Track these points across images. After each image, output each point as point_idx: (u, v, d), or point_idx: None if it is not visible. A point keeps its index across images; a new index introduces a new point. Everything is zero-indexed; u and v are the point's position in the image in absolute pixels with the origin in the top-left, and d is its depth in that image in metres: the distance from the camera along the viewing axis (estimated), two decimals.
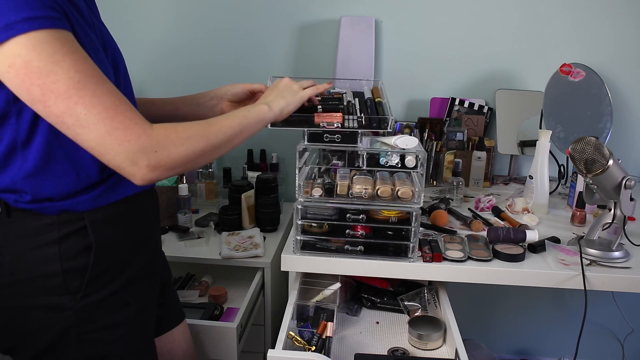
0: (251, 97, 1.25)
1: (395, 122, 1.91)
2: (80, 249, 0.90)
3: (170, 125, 0.87)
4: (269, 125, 1.13)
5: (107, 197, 0.93)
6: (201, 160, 0.90)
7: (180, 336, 1.26)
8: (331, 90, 1.33)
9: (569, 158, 1.40)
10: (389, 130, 1.18)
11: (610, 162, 1.23)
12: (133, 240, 0.99)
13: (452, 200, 1.68)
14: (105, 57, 0.89)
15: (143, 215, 1.03)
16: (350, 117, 1.18)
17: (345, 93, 1.32)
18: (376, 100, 1.29)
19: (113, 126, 0.79)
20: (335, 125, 1.18)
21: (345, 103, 1.24)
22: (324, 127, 1.18)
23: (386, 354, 1.25)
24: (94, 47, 0.85)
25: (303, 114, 1.17)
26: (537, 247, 1.34)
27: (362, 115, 1.19)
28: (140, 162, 0.81)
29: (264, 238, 1.73)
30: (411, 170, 1.27)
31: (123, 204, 0.96)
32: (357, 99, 1.30)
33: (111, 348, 0.96)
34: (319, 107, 1.20)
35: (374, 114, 1.22)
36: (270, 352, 1.07)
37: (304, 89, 1.15)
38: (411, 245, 1.27)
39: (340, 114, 1.18)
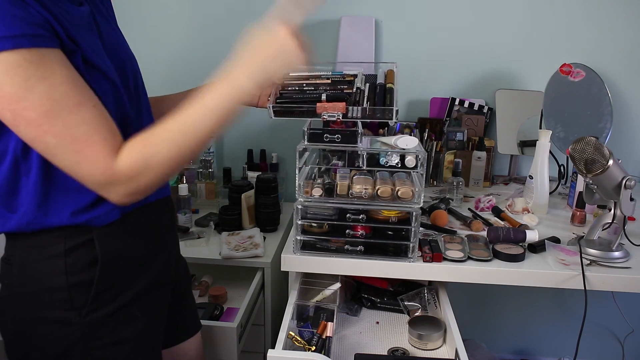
0: None
1: (397, 117, 1.90)
2: (86, 263, 0.87)
3: (138, 151, 0.80)
4: (271, 116, 1.11)
5: (122, 209, 0.89)
6: (179, 170, 0.86)
7: (194, 351, 1.22)
8: (344, 72, 1.29)
9: (569, 158, 1.40)
10: (393, 121, 1.15)
11: (610, 162, 1.23)
12: (143, 253, 0.95)
13: (452, 200, 1.68)
14: (110, 62, 0.86)
15: (155, 226, 0.99)
16: (354, 107, 1.13)
17: (357, 76, 1.27)
18: (387, 86, 1.24)
19: (80, 158, 0.77)
20: (336, 116, 1.13)
21: (354, 89, 1.19)
22: (324, 118, 1.13)
23: (386, 354, 1.25)
24: (92, 53, 0.82)
25: (306, 104, 1.14)
26: (537, 247, 1.34)
27: (367, 104, 1.14)
28: (111, 190, 0.80)
29: (264, 238, 1.73)
30: (411, 170, 1.27)
31: (134, 215, 0.92)
32: (367, 85, 1.25)
33: None
34: (323, 95, 1.17)
35: (380, 102, 1.17)
36: (270, 352, 1.07)
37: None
38: (411, 245, 1.27)
39: (344, 104, 1.13)
